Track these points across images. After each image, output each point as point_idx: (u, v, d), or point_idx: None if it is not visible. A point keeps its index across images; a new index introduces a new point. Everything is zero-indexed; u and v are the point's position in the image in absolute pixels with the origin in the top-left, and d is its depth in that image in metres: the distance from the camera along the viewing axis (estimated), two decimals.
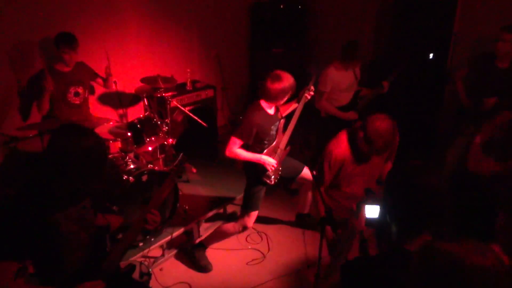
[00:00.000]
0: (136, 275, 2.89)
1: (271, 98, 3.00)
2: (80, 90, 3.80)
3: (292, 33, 5.70)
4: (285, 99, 3.06)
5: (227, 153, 3.01)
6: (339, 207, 2.92)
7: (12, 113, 3.81)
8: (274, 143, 3.16)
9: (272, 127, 3.11)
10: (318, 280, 2.10)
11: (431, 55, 5.05)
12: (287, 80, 2.95)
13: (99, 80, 3.99)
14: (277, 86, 2.92)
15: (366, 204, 2.28)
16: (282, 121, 3.19)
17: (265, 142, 3.11)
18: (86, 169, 1.78)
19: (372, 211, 2.27)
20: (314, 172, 2.65)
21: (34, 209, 1.74)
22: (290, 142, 3.23)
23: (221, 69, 5.50)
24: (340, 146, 2.76)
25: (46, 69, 3.58)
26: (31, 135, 3.51)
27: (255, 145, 3.07)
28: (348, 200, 2.91)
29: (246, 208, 3.21)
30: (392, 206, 1.57)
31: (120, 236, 2.15)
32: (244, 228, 3.27)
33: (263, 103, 3.05)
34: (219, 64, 5.47)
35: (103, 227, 2.07)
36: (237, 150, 2.99)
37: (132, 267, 2.11)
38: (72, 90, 3.74)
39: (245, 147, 3.04)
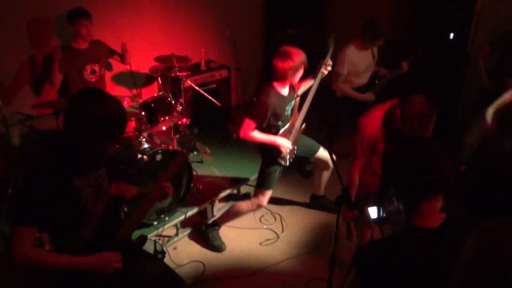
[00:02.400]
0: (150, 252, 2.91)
1: (281, 77, 2.90)
2: (96, 67, 3.79)
3: (308, 12, 5.60)
4: (297, 76, 2.94)
5: (241, 134, 2.96)
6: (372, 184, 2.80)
7: (26, 90, 3.83)
8: (289, 123, 3.10)
9: (287, 107, 3.04)
10: (334, 261, 2.07)
11: (451, 35, 4.90)
12: (296, 56, 2.82)
13: (117, 57, 3.97)
14: (285, 64, 2.81)
15: (369, 206, 2.25)
16: (298, 99, 3.11)
17: (280, 123, 3.05)
18: (107, 132, 1.76)
19: (374, 211, 2.24)
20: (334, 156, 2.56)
21: (57, 174, 1.74)
22: (306, 119, 3.16)
23: (235, 49, 5.43)
24: (373, 122, 2.63)
25: (62, 47, 3.58)
26: (46, 113, 3.52)
27: (269, 126, 3.01)
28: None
29: (261, 187, 3.19)
30: (391, 181, 1.55)
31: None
32: (258, 206, 3.25)
33: (276, 84, 2.95)
34: (233, 44, 5.40)
35: (117, 197, 2.07)
36: (251, 132, 2.94)
37: (143, 238, 2.10)
38: (88, 67, 3.74)
39: (260, 128, 2.99)
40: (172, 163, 2.16)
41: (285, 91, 3.00)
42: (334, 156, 2.25)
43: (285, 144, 3.02)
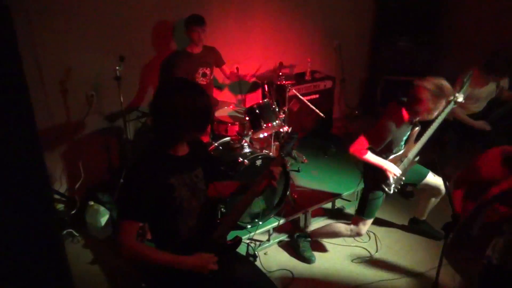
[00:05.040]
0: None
1: (414, 112, 2.71)
2: (208, 71, 4.00)
3: (422, 26, 5.29)
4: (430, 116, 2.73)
5: (352, 150, 2.85)
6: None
7: (146, 89, 4.15)
8: (402, 151, 2.97)
9: (404, 137, 2.91)
10: None
11: None
12: (447, 95, 2.60)
13: (224, 68, 4.13)
14: (430, 104, 2.59)
15: None
16: (417, 129, 2.93)
17: (393, 151, 2.93)
18: (192, 121, 1.80)
19: None
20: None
21: (153, 172, 1.85)
22: (420, 152, 3.02)
23: (341, 61, 5.37)
24: (491, 163, 2.34)
25: (177, 51, 3.83)
26: None
27: (381, 151, 2.90)
28: None
29: (362, 215, 3.09)
30: None
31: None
32: (357, 235, 3.19)
33: (405, 113, 2.78)
34: (339, 56, 5.35)
35: (215, 198, 2.14)
36: (362, 150, 2.83)
37: (238, 240, 2.14)
38: (200, 71, 3.94)
39: (371, 150, 2.88)
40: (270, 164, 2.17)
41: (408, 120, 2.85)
42: (447, 183, 2.08)
43: (393, 170, 2.88)
